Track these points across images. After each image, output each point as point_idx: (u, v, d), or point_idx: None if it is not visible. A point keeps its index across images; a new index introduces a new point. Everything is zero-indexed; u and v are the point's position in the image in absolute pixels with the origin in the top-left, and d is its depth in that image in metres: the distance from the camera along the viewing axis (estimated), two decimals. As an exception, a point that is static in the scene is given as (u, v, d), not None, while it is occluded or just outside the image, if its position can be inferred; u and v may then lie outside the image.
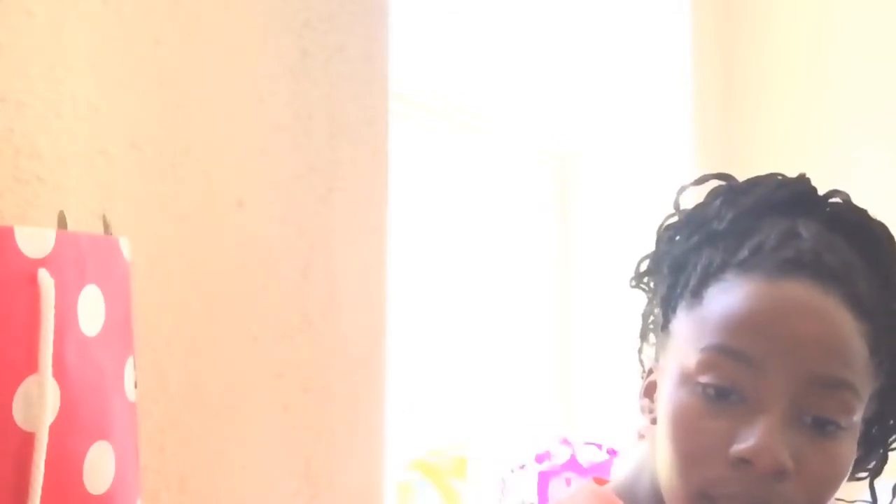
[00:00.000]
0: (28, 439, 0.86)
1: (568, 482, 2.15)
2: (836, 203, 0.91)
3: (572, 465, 2.18)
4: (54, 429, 0.87)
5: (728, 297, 0.85)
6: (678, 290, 0.90)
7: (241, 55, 1.38)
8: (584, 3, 2.70)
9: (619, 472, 0.97)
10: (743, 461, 0.81)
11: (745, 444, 0.81)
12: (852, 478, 0.89)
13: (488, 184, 2.42)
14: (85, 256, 0.94)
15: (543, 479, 2.18)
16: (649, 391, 0.92)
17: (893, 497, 0.92)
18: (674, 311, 0.90)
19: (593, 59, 2.72)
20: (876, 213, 0.91)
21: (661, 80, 2.80)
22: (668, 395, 0.86)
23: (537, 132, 2.59)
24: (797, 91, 2.93)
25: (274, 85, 1.43)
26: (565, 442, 2.26)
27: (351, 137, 1.57)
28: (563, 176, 2.73)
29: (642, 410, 0.93)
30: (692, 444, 0.83)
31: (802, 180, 0.92)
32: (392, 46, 1.67)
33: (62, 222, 0.97)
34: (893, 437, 0.92)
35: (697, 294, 0.87)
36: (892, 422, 0.91)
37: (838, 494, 0.86)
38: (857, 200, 0.91)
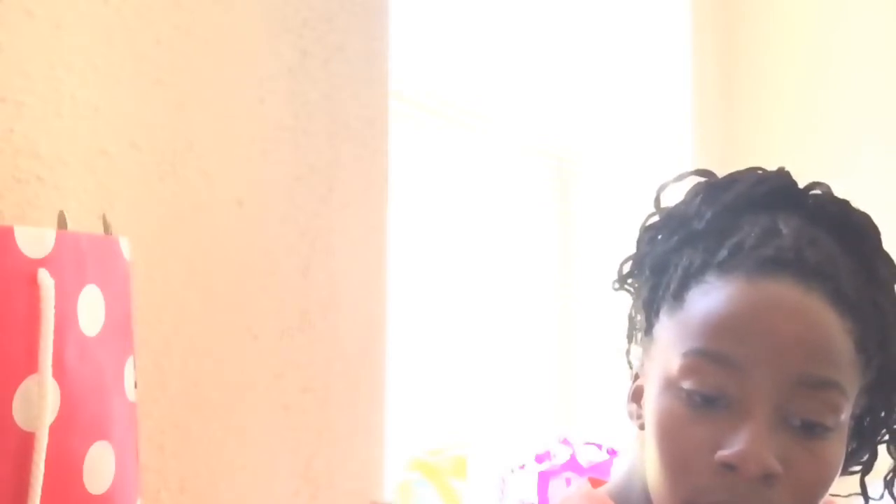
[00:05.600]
0: (28, 439, 0.86)
1: (568, 482, 2.15)
2: (817, 195, 0.89)
3: (572, 465, 2.18)
4: (54, 429, 0.87)
5: (708, 299, 0.83)
6: (660, 293, 0.88)
7: (241, 55, 1.38)
8: (584, 2, 2.70)
9: (614, 475, 0.96)
10: (729, 467, 0.79)
11: (730, 450, 0.79)
12: (845, 472, 0.89)
13: (488, 184, 2.42)
14: (85, 256, 0.94)
15: (543, 479, 2.18)
16: (636, 396, 0.91)
17: (885, 489, 0.91)
18: (656, 314, 0.88)
19: (593, 59, 2.72)
20: (876, 212, 0.91)
21: (660, 79, 2.80)
22: (653, 401, 0.85)
23: (537, 132, 2.59)
24: (797, 90, 2.93)
25: (274, 85, 1.43)
26: (565, 442, 2.26)
27: (351, 137, 1.57)
28: (563, 176, 2.73)
29: (630, 416, 0.92)
30: (678, 452, 0.82)
31: (782, 174, 0.90)
32: (392, 46, 1.67)
33: (62, 222, 0.97)
34: (884, 430, 0.91)
35: (679, 297, 0.86)
36: (882, 415, 0.90)
37: (833, 489, 0.85)
38: (858, 200, 0.90)
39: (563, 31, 2.62)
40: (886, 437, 0.91)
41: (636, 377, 0.92)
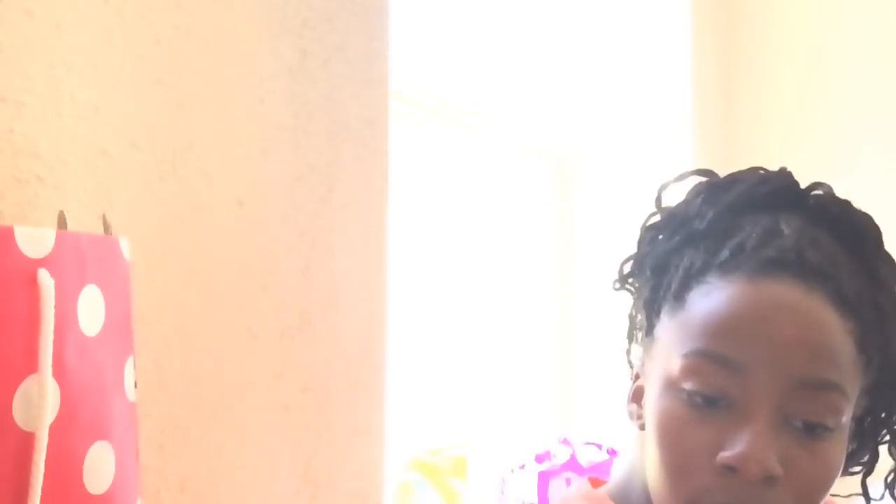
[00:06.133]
0: (28, 439, 0.86)
1: (568, 482, 2.15)
2: (819, 196, 0.89)
3: (572, 465, 2.18)
4: (54, 429, 0.87)
5: (710, 300, 0.83)
6: (661, 293, 0.88)
7: (240, 55, 1.38)
8: (584, 3, 2.70)
9: (614, 475, 0.96)
10: (730, 469, 0.79)
11: (731, 451, 0.79)
12: (845, 473, 0.89)
13: (488, 184, 2.42)
14: (85, 256, 0.94)
15: (543, 479, 2.18)
16: (637, 396, 0.91)
17: (885, 490, 0.91)
18: (657, 314, 0.88)
19: (593, 59, 2.72)
20: (876, 212, 0.91)
21: (660, 79, 2.80)
22: (653, 402, 0.85)
23: (537, 132, 2.59)
24: (797, 90, 2.93)
25: (274, 85, 1.43)
26: (565, 442, 2.26)
27: (351, 137, 1.57)
28: (563, 176, 2.73)
29: (630, 416, 0.92)
30: (679, 453, 0.82)
31: (784, 174, 0.90)
32: (392, 46, 1.67)
33: (62, 222, 0.97)
34: (884, 431, 0.91)
35: (680, 297, 0.86)
36: (883, 416, 0.90)
37: (833, 490, 0.85)
38: (858, 200, 0.90)
39: (563, 32, 2.62)
40: (887, 438, 0.91)
41: (636, 377, 0.92)
